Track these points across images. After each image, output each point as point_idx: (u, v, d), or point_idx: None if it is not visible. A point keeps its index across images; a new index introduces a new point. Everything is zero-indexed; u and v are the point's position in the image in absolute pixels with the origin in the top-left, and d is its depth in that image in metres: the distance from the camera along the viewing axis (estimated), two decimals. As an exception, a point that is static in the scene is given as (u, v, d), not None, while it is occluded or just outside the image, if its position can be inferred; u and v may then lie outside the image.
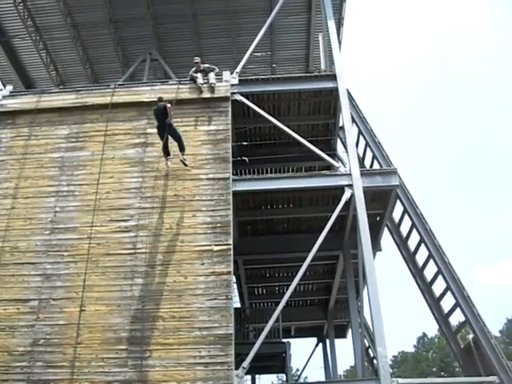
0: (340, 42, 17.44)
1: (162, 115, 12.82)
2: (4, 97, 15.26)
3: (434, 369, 54.91)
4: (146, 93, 14.68)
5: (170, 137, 12.95)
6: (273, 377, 40.32)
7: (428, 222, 14.41)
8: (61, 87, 17.98)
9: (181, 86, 14.63)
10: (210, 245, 12.38)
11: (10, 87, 15.77)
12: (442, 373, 51.76)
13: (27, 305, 12.26)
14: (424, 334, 60.32)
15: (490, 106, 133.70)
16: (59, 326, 11.93)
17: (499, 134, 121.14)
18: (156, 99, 13.37)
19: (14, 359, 11.66)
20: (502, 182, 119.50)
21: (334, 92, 14.93)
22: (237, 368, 11.28)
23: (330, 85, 14.90)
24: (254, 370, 20.09)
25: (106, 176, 13.51)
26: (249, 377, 22.99)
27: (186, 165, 12.83)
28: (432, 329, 55.70)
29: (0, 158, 14.26)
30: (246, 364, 11.42)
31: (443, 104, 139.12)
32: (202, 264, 12.19)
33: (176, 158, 13.09)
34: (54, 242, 12.90)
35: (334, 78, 14.87)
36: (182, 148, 12.88)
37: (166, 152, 13.01)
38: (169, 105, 12.79)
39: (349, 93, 14.95)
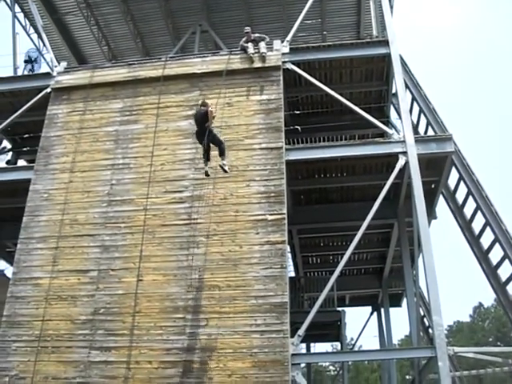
0: (392, 7, 17.00)
1: (201, 120, 11.99)
2: (59, 73, 15.52)
3: (491, 339, 54.25)
4: (198, 64, 14.69)
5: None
6: (327, 345, 40.46)
7: (484, 188, 14.10)
8: (113, 62, 18.14)
9: (231, 57, 14.57)
10: (264, 214, 12.44)
11: (64, 63, 16.00)
12: (499, 343, 51.10)
13: (87, 275, 12.64)
14: (480, 304, 59.59)
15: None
16: (118, 296, 12.27)
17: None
18: (199, 103, 12.68)
19: (76, 327, 12.10)
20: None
21: (387, 58, 14.65)
22: (292, 336, 11.39)
23: (382, 51, 14.61)
24: (309, 338, 20.25)
25: (160, 148, 13.68)
26: (304, 345, 23.18)
27: (225, 171, 11.92)
28: (489, 298, 54.99)
29: (57, 133, 14.58)
30: (301, 332, 11.50)
31: (501, 65, 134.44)
32: (257, 233, 12.27)
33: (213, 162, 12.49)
34: (111, 214, 13.20)
35: (386, 43, 14.56)
36: (222, 153, 12.03)
37: (207, 157, 12.21)
38: (211, 108, 12.04)
39: (402, 58, 14.62)
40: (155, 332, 11.72)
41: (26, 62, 18.79)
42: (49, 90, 15.25)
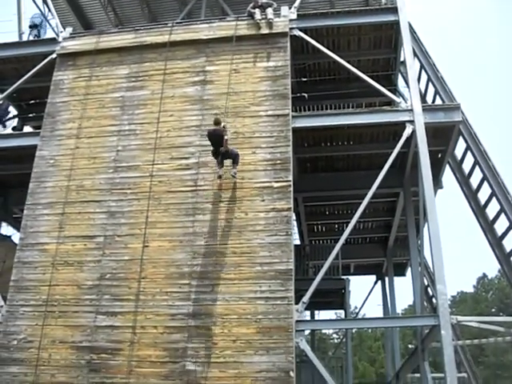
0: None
1: (217, 142, 12.03)
2: (64, 39, 15.41)
3: (493, 309, 54.43)
4: (204, 30, 14.54)
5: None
6: (331, 313, 40.79)
7: (491, 159, 14.02)
8: (119, 27, 17.98)
9: (238, 23, 14.41)
10: (269, 181, 12.44)
11: (69, 29, 15.86)
12: (501, 314, 51.30)
13: (93, 241, 12.72)
14: (484, 275, 59.68)
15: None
16: (124, 262, 12.37)
17: None
18: (212, 121, 12.40)
19: (83, 292, 12.22)
20: None
21: (395, 25, 14.50)
22: (297, 303, 11.48)
23: (390, 18, 14.45)
24: (314, 305, 20.36)
25: (167, 114, 13.63)
26: (308, 312, 23.34)
27: (234, 178, 12.20)
28: (493, 269, 55.04)
29: (63, 99, 14.53)
30: (305, 299, 11.58)
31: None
32: (263, 200, 12.29)
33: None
34: (118, 180, 13.23)
35: (394, 10, 14.38)
36: (235, 162, 12.23)
37: (221, 164, 12.33)
38: (226, 137, 11.97)
39: (410, 26, 14.44)
40: (161, 298, 11.83)
41: (30, 27, 18.63)
42: (54, 55, 15.16)
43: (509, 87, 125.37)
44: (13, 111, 18.73)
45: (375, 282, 23.97)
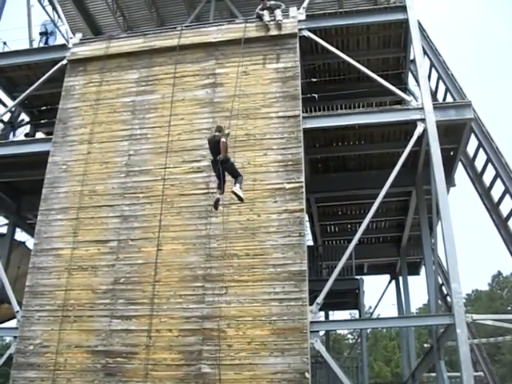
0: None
1: (214, 149, 10.79)
2: (74, 45, 15.50)
3: (509, 307, 54.19)
4: (213, 33, 14.57)
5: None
6: (346, 314, 40.72)
7: (504, 156, 13.94)
8: (128, 32, 18.07)
9: (247, 25, 14.41)
10: (282, 183, 12.44)
11: (79, 35, 15.97)
12: (517, 311, 51.12)
13: (107, 245, 12.79)
14: (499, 273, 59.41)
15: None
16: (138, 265, 12.43)
17: None
18: (214, 127, 11.47)
19: (97, 297, 12.28)
20: None
21: (405, 24, 14.44)
22: (311, 304, 11.47)
23: (399, 16, 14.39)
24: (328, 306, 20.34)
25: (177, 118, 13.67)
26: (322, 313, 23.33)
27: (240, 198, 10.56)
28: (508, 266, 54.75)
29: (74, 105, 14.62)
30: (319, 300, 11.58)
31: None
32: (275, 202, 12.30)
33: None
34: (130, 184, 13.28)
35: (403, 9, 14.32)
36: (237, 182, 10.69)
37: (221, 188, 10.88)
38: (223, 139, 10.62)
39: (420, 24, 14.40)
40: (175, 301, 11.88)
41: (41, 34, 18.84)
42: (65, 61, 15.26)
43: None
44: (25, 118, 18.90)
45: (389, 282, 23.85)
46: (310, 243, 20.73)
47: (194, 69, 14.25)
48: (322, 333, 22.38)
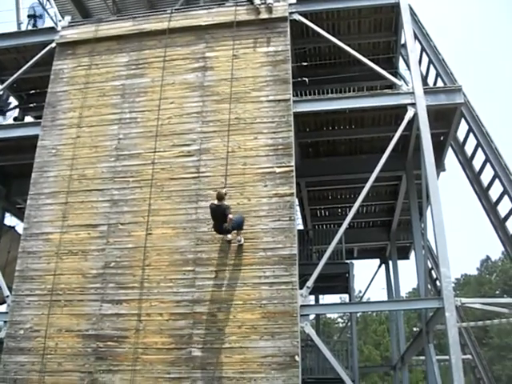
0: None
1: (220, 218, 11.29)
2: (63, 28, 15.37)
3: (497, 291, 54.55)
4: (203, 16, 14.46)
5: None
6: (336, 298, 40.90)
7: (494, 141, 13.99)
8: (118, 15, 17.88)
9: (238, 8, 14.30)
10: (272, 167, 12.42)
11: (68, 18, 15.83)
12: (505, 295, 51.37)
13: (97, 230, 12.76)
14: (487, 257, 59.79)
15: None
16: (128, 250, 12.41)
17: None
18: (216, 194, 11.52)
19: (87, 281, 12.27)
20: None
21: (396, 8, 14.41)
22: (301, 288, 11.52)
23: (391, 0, 14.34)
24: (318, 290, 20.36)
25: (167, 102, 13.60)
26: (312, 297, 23.37)
27: (240, 243, 11.80)
28: (496, 251, 55.12)
29: (63, 89, 14.51)
30: (309, 283, 11.62)
31: None
32: (265, 186, 12.29)
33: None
34: (120, 168, 13.23)
35: (395, -8, 14.30)
36: (240, 230, 11.81)
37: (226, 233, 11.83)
38: (230, 216, 11.16)
39: (411, 8, 14.35)
40: (165, 285, 11.88)
41: (29, 16, 18.57)
42: (53, 44, 15.13)
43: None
44: (13, 101, 18.73)
45: (379, 266, 24.00)
46: (301, 227, 20.78)
47: (184, 52, 14.16)
48: (312, 316, 22.58)
